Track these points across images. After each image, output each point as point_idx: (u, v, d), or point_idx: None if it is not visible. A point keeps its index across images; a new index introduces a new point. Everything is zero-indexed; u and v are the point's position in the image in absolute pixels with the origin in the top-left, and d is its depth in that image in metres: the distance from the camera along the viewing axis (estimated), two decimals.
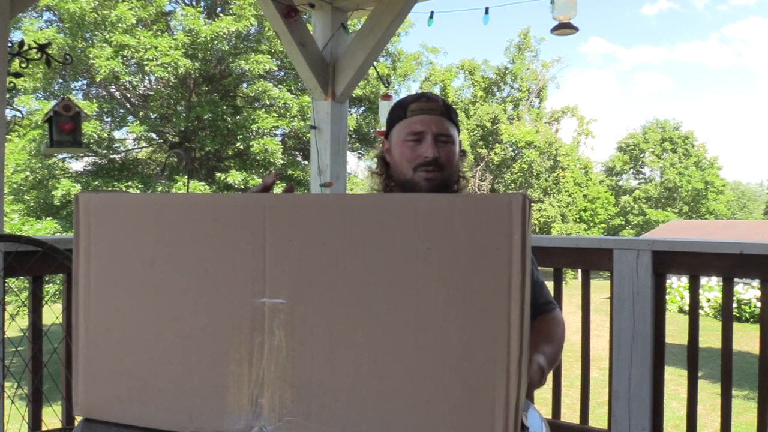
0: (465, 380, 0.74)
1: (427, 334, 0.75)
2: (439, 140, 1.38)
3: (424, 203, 0.76)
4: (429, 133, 1.37)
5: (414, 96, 1.45)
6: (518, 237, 0.72)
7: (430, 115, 1.38)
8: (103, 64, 12.08)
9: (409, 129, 1.39)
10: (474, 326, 0.73)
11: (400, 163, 1.40)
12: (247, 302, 0.81)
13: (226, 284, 0.82)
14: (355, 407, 0.77)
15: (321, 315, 0.78)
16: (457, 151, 1.42)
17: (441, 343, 0.74)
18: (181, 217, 0.85)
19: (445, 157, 1.37)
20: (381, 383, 0.76)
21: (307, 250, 0.78)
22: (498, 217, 0.73)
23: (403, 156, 1.39)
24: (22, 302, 2.25)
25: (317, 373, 0.78)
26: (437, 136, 1.37)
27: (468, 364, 0.73)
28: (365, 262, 0.76)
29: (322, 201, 0.83)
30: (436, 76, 24.37)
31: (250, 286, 0.81)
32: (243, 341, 0.81)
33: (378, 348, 0.76)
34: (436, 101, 1.41)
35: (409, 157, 1.38)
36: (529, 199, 0.74)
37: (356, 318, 0.77)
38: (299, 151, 15.09)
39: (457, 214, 0.74)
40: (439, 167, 1.36)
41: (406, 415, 0.75)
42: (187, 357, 0.84)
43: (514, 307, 0.72)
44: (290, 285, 0.79)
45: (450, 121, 1.41)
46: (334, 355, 0.78)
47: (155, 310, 0.85)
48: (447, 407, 0.74)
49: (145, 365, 0.86)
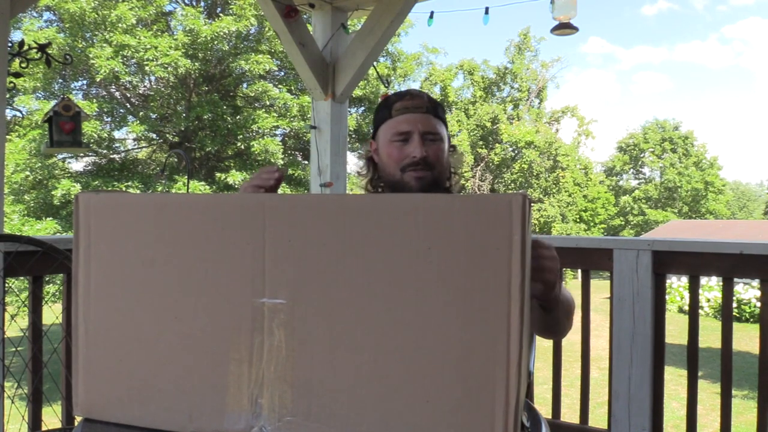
0: (465, 380, 0.74)
1: (427, 334, 0.75)
2: (427, 139, 1.35)
3: (424, 203, 0.76)
4: (415, 132, 1.35)
5: (398, 94, 1.42)
6: (518, 237, 0.72)
7: (416, 114, 1.36)
8: (103, 64, 12.08)
9: (395, 129, 1.36)
10: (474, 326, 0.73)
11: (387, 164, 1.38)
12: (246, 302, 0.81)
13: (226, 284, 0.82)
14: (355, 407, 0.77)
15: (321, 315, 0.78)
16: (445, 147, 1.39)
17: (441, 343, 0.74)
18: (181, 217, 0.85)
19: (433, 155, 1.35)
20: (381, 383, 0.76)
21: (307, 250, 0.79)
22: (498, 218, 0.73)
23: (390, 157, 1.37)
24: (22, 302, 2.25)
25: (317, 373, 0.78)
26: (424, 134, 1.35)
27: (468, 364, 0.73)
28: (365, 262, 0.77)
29: (322, 201, 0.83)
30: (436, 76, 24.37)
31: (250, 286, 0.81)
32: (243, 341, 0.81)
33: (378, 348, 0.76)
34: (421, 98, 1.38)
35: (396, 157, 1.36)
36: (529, 199, 0.74)
37: (356, 318, 0.77)
38: (299, 151, 15.09)
39: (457, 215, 0.74)
40: (428, 166, 1.34)
41: (406, 415, 0.75)
42: (187, 357, 0.84)
43: (514, 307, 0.72)
44: (290, 285, 0.79)
45: (437, 117, 1.38)
46: (334, 355, 0.78)
47: (155, 310, 0.85)
48: (447, 407, 0.74)
49: (145, 365, 0.86)
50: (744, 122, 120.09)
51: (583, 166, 29.58)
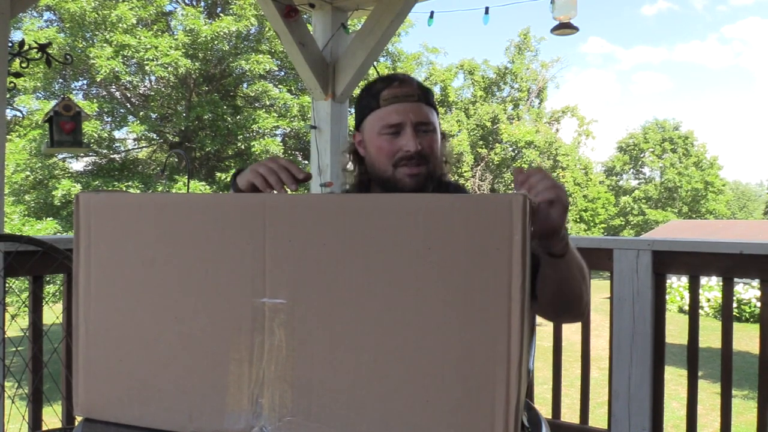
0: (465, 380, 0.74)
1: (427, 335, 0.75)
2: (420, 130, 1.23)
3: (425, 204, 0.76)
4: (408, 123, 1.22)
5: (385, 80, 1.28)
6: (519, 237, 0.72)
7: (406, 103, 1.23)
8: (104, 64, 12.09)
9: (384, 121, 1.23)
10: (474, 327, 0.73)
11: (377, 159, 1.26)
12: (247, 302, 0.81)
13: (226, 284, 0.82)
14: (354, 407, 0.77)
15: (321, 315, 0.78)
16: (439, 138, 1.28)
17: (441, 343, 0.74)
18: (181, 217, 0.85)
19: (428, 147, 1.24)
20: (381, 383, 0.76)
21: (307, 250, 0.79)
22: (498, 218, 0.72)
23: (380, 151, 1.25)
24: (23, 302, 2.25)
25: (317, 373, 0.78)
26: (417, 125, 1.23)
27: (468, 364, 0.73)
28: (365, 262, 0.76)
29: (322, 201, 0.83)
30: (436, 76, 24.35)
31: (251, 286, 0.81)
32: (243, 341, 0.81)
33: (378, 348, 0.76)
34: (411, 85, 1.26)
35: (387, 151, 1.23)
36: (529, 199, 0.74)
37: (356, 318, 0.77)
38: (299, 151, 15.09)
39: (457, 215, 0.74)
40: (423, 159, 1.23)
41: (406, 415, 0.76)
42: (187, 357, 0.84)
43: (514, 307, 0.72)
44: (290, 285, 0.79)
45: (428, 105, 1.26)
46: (334, 355, 0.78)
47: (155, 310, 0.85)
48: (447, 407, 0.74)
49: (145, 365, 0.86)
50: (744, 122, 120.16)
51: (583, 166, 29.56)
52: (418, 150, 1.22)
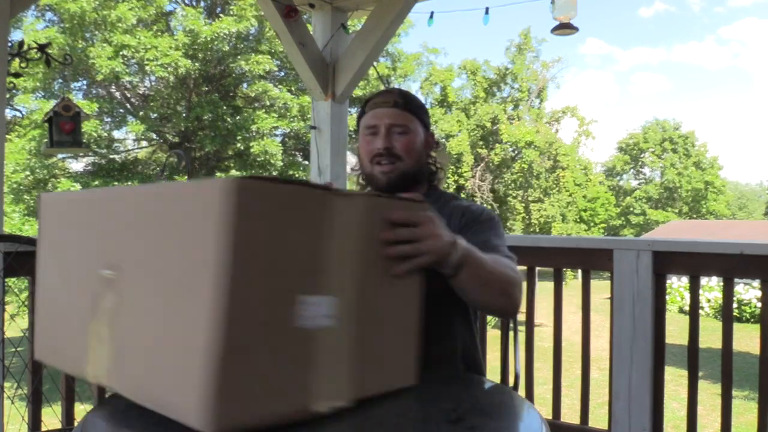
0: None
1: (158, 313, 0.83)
2: (393, 131, 1.40)
3: (152, 190, 0.92)
4: (381, 125, 1.40)
5: (375, 93, 1.50)
6: (231, 227, 0.72)
7: (383, 108, 1.42)
8: (104, 64, 12.09)
9: (365, 123, 1.44)
10: (183, 298, 0.78)
11: (362, 158, 1.46)
12: (93, 273, 0.94)
13: (86, 261, 0.98)
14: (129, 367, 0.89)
15: (128, 283, 0.89)
16: (417, 140, 1.43)
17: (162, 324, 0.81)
18: (94, 209, 1.01)
19: (400, 147, 1.39)
20: (138, 349, 0.86)
21: (122, 231, 0.92)
22: (208, 205, 0.75)
23: (362, 150, 1.45)
24: (22, 302, 2.25)
25: (129, 324, 0.88)
26: (390, 127, 1.40)
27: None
28: (144, 243, 0.87)
29: (125, 193, 1.00)
30: (436, 76, 24.33)
31: (95, 261, 0.95)
32: (90, 303, 0.95)
33: (134, 321, 0.87)
34: (391, 93, 1.44)
35: (366, 151, 1.43)
36: (270, 180, 0.77)
37: (135, 292, 0.87)
38: (299, 152, 15.09)
39: (178, 201, 0.82)
40: (393, 157, 1.39)
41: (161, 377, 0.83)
42: (72, 314, 1.01)
43: (210, 282, 0.74)
44: (116, 260, 0.91)
45: (406, 111, 1.42)
46: (131, 315, 0.88)
47: (64, 281, 1.05)
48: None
49: (61, 328, 1.05)
50: (743, 122, 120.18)
51: (583, 166, 29.55)
52: (387, 147, 1.39)
